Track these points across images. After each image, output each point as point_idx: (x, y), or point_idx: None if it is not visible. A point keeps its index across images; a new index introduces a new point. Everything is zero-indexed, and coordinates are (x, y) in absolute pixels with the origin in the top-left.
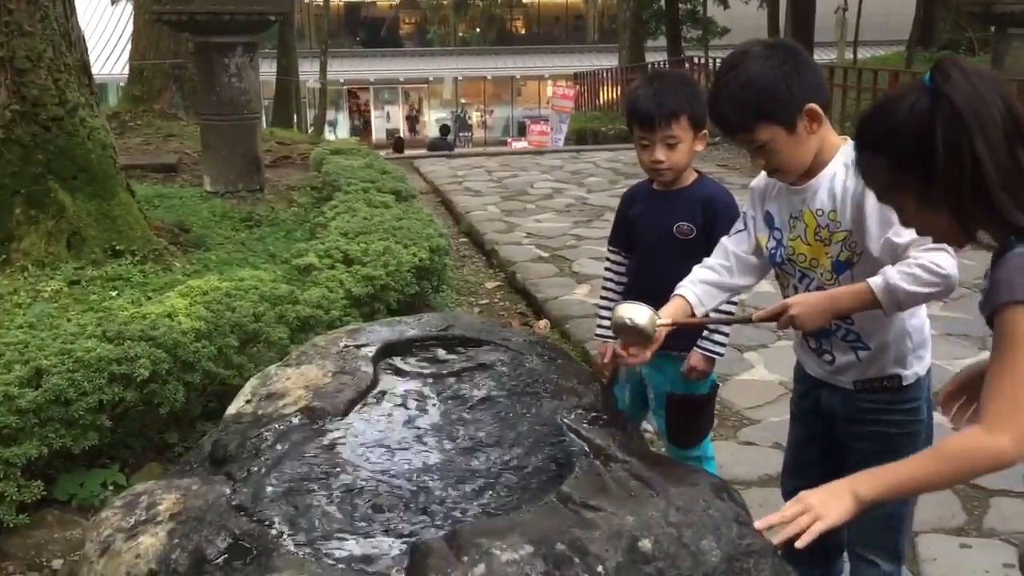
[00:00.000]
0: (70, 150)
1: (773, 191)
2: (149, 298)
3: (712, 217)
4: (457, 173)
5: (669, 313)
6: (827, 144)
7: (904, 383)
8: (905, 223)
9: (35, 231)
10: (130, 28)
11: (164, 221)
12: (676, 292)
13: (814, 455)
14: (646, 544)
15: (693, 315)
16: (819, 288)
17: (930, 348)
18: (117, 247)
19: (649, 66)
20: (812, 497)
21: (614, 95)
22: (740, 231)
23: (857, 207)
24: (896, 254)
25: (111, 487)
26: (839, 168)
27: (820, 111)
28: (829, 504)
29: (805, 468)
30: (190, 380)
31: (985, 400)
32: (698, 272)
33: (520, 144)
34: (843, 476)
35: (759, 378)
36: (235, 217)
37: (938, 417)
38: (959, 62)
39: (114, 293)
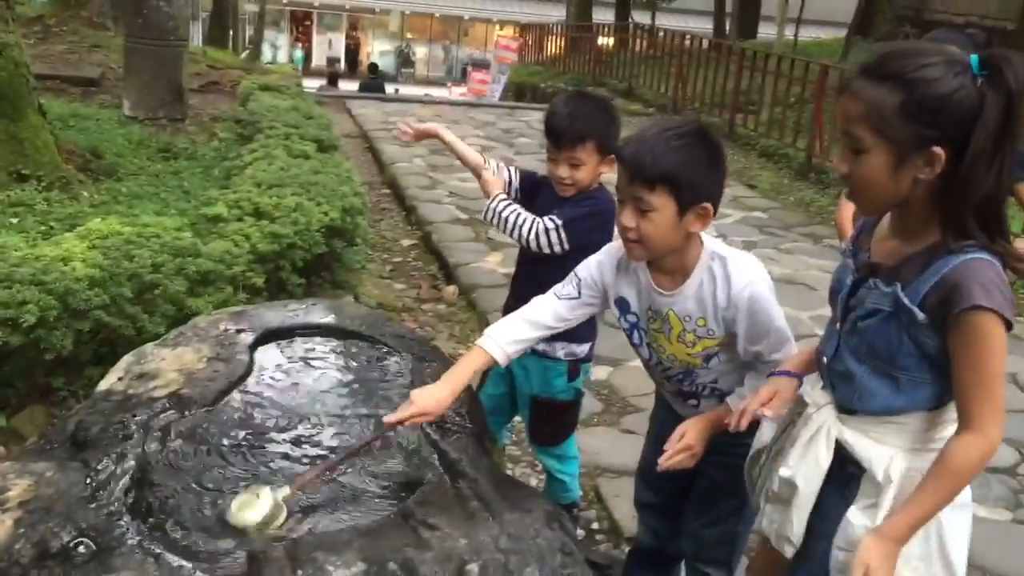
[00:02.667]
0: None
1: (625, 275)
2: (49, 231)
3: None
4: (389, 119)
5: (469, 371)
6: (695, 246)
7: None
8: (849, 165)
9: None
10: None
11: (76, 145)
12: (482, 345)
13: (664, 475)
14: (473, 568)
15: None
16: (682, 372)
17: None
18: (23, 171)
19: (595, 26)
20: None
21: (558, 49)
22: (573, 299)
23: (728, 323)
24: (750, 356)
25: None
26: (704, 276)
27: (711, 214)
28: (886, 568)
29: (658, 484)
30: (80, 327)
31: (965, 403)
32: (517, 329)
33: (460, 90)
34: (691, 496)
35: None
36: (152, 146)
37: None
38: (1017, 60)
39: (14, 220)
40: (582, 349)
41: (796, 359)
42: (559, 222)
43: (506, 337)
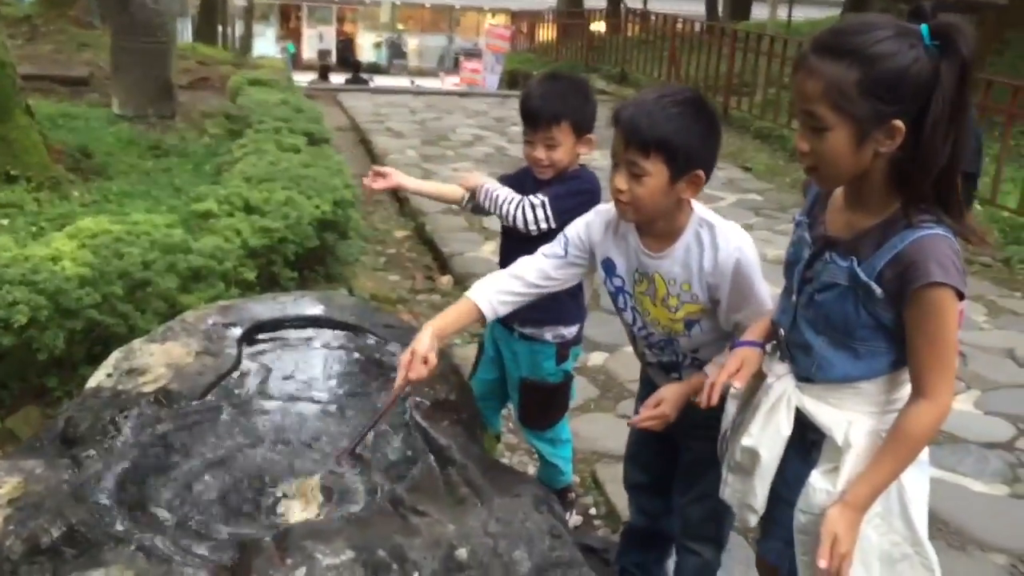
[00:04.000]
0: None
1: (613, 238)
2: (40, 231)
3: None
4: (380, 111)
5: (453, 317)
6: (684, 211)
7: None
8: (811, 143)
9: None
10: None
11: (66, 144)
12: (470, 295)
13: (652, 453)
14: (462, 553)
15: (482, 321)
16: (664, 339)
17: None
18: (12, 172)
19: (586, 12)
20: (842, 545)
21: (550, 37)
22: (559, 257)
23: (711, 289)
24: (731, 325)
25: None
26: (692, 240)
27: (703, 182)
28: (852, 535)
29: (647, 464)
30: (72, 327)
31: (920, 372)
32: (504, 282)
33: (452, 80)
34: (678, 473)
35: None
36: (142, 144)
37: None
38: (966, 27)
39: (5, 221)
40: (570, 331)
41: (757, 328)
42: (544, 199)
43: (492, 288)
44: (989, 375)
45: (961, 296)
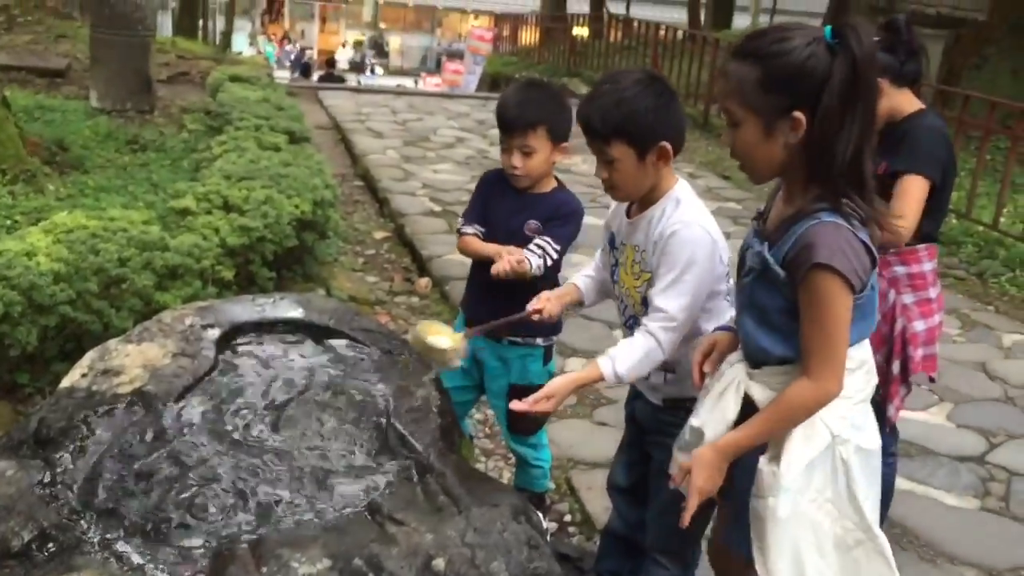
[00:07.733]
0: None
1: (619, 215)
2: (14, 225)
3: (553, 217)
4: (362, 110)
5: (559, 295)
6: (663, 183)
7: None
8: (732, 141)
9: None
10: None
11: (42, 137)
12: (571, 280)
13: (632, 456)
14: (439, 563)
15: (581, 303)
16: (631, 316)
17: None
18: None
19: (569, 17)
20: (696, 479)
21: (532, 40)
22: (603, 250)
23: (654, 255)
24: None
25: None
26: (658, 212)
27: (670, 152)
28: (706, 474)
29: (627, 467)
30: (45, 323)
31: (806, 353)
32: (584, 278)
33: (434, 81)
34: (648, 482)
35: None
36: (120, 138)
37: None
38: (864, 27)
39: None
40: (556, 334)
41: None
42: (557, 247)
43: (584, 272)
44: (961, 388)
45: (852, 288)
